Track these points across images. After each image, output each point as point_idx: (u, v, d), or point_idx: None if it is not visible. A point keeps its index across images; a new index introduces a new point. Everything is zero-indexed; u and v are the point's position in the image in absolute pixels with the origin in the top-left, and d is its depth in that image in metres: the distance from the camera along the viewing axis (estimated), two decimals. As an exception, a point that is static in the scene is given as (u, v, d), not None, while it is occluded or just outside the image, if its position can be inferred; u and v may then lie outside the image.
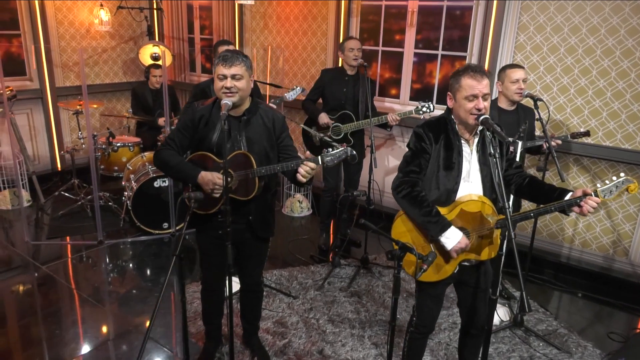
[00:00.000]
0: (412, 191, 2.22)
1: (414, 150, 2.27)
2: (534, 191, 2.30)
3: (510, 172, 2.37)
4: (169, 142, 2.46)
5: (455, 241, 2.17)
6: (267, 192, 2.55)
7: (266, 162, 2.46)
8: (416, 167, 2.25)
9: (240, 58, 2.35)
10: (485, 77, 2.15)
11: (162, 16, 6.47)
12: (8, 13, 5.28)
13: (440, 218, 2.18)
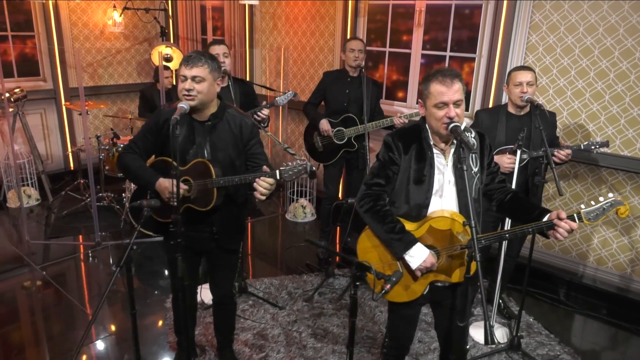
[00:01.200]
0: (375, 205, 2.04)
1: (381, 161, 2.09)
2: (513, 209, 2.08)
3: (492, 187, 2.15)
4: (132, 145, 2.37)
5: (420, 260, 1.98)
6: (232, 203, 2.41)
7: (231, 171, 2.33)
8: (382, 179, 2.07)
9: (203, 60, 2.24)
10: (457, 82, 1.95)
11: (175, 17, 6.47)
12: (23, 15, 5.38)
13: (405, 235, 2.00)
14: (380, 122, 3.87)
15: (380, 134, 3.95)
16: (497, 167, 2.17)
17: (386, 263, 2.11)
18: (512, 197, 2.10)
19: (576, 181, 3.81)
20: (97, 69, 6.06)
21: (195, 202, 2.31)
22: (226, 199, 2.35)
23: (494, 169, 2.16)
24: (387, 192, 2.09)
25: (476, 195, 2.06)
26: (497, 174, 2.16)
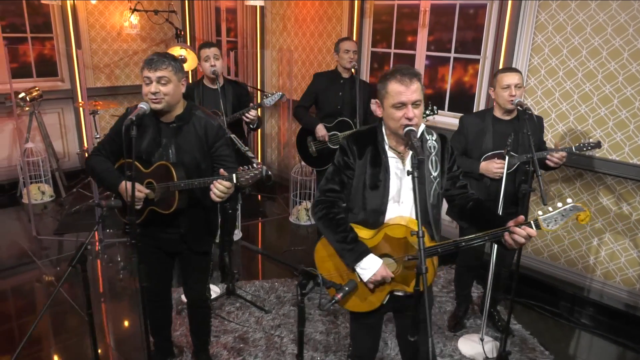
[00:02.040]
0: (328, 213, 1.97)
1: (336, 165, 2.01)
2: (474, 217, 1.96)
3: (453, 192, 2.04)
4: (100, 148, 2.37)
5: (372, 272, 1.89)
6: (199, 206, 2.39)
7: (197, 173, 2.31)
8: (336, 185, 2.00)
9: (167, 61, 2.22)
10: (416, 81, 1.85)
11: (192, 18, 6.56)
12: (42, 17, 5.57)
13: (357, 245, 1.91)
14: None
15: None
16: (459, 172, 2.05)
17: (343, 272, 2.03)
18: (474, 205, 1.99)
19: (582, 189, 3.61)
20: (113, 69, 6.21)
21: (158, 204, 2.30)
22: (193, 201, 2.33)
23: (456, 173, 2.04)
24: (343, 198, 2.02)
25: (435, 201, 1.95)
26: (458, 178, 2.04)
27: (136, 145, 2.28)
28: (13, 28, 5.40)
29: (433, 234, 1.95)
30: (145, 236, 2.41)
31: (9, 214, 5.16)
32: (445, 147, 2.01)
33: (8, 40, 5.37)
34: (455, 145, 3.00)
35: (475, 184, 2.96)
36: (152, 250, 2.49)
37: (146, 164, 2.30)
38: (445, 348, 3.13)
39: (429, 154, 1.97)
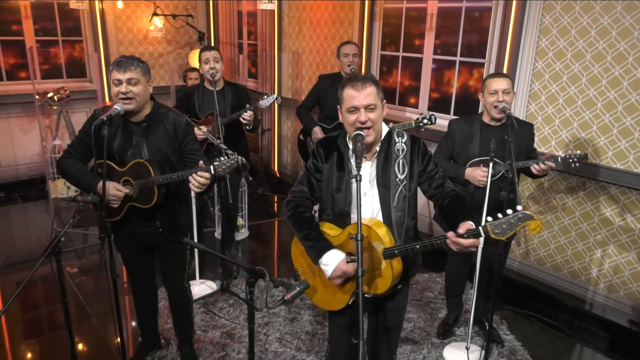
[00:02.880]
0: (295, 212, 2.02)
1: (307, 168, 2.06)
2: (447, 215, 1.95)
3: (431, 193, 2.04)
4: (70, 150, 2.46)
5: (332, 267, 1.91)
6: (173, 198, 2.48)
7: (168, 168, 2.41)
8: (305, 187, 2.05)
9: (135, 63, 2.33)
10: (369, 85, 1.86)
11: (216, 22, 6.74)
12: (72, 21, 5.88)
13: (318, 242, 1.94)
14: None
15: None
16: (434, 172, 2.03)
17: (315, 269, 2.06)
18: (448, 202, 1.97)
19: (586, 199, 3.48)
20: (139, 71, 6.46)
21: (138, 200, 2.41)
22: (167, 195, 2.43)
23: (431, 174, 2.02)
24: (311, 199, 2.06)
25: (398, 204, 1.95)
26: (433, 178, 2.02)
27: (108, 146, 2.38)
28: (45, 31, 5.73)
29: (395, 237, 1.94)
30: (123, 232, 2.54)
31: (37, 207, 5.47)
32: (415, 149, 2.01)
33: (40, 43, 5.72)
34: (443, 150, 2.98)
35: (461, 189, 2.91)
36: (130, 245, 2.62)
37: (120, 164, 2.41)
38: (429, 355, 3.10)
39: (396, 156, 1.98)
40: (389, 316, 2.13)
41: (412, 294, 3.78)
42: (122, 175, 2.41)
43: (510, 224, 1.75)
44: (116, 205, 2.39)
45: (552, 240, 3.71)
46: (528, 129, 2.93)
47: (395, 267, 1.90)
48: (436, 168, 2.05)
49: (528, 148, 2.88)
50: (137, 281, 2.79)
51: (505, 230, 1.74)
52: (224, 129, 3.59)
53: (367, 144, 1.90)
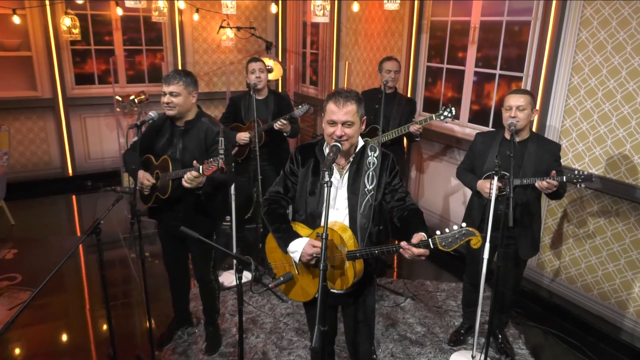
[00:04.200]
0: (269, 208, 2.28)
1: (284, 171, 2.31)
2: (402, 228, 2.12)
3: (392, 204, 2.22)
4: (133, 144, 2.93)
5: (299, 253, 2.14)
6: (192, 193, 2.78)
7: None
8: (281, 188, 2.30)
9: (178, 78, 2.72)
10: (350, 104, 2.08)
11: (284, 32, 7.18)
12: (155, 32, 6.59)
13: (286, 233, 2.18)
14: (397, 129, 3.94)
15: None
16: (398, 186, 2.20)
17: (287, 262, 2.32)
18: (406, 215, 2.14)
19: (618, 219, 3.37)
20: (212, 77, 7.07)
21: (159, 191, 2.81)
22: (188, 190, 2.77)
23: (395, 187, 2.20)
24: (286, 199, 2.30)
25: (365, 211, 2.15)
26: (397, 191, 2.20)
27: (155, 143, 2.84)
28: (132, 41, 6.49)
29: (358, 241, 2.15)
30: (161, 224, 2.96)
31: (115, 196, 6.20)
32: (385, 163, 2.20)
33: (127, 51, 6.48)
34: (466, 161, 3.08)
35: (477, 201, 3.01)
36: (167, 235, 3.04)
37: (158, 158, 2.83)
38: (434, 358, 3.20)
39: (367, 169, 2.18)
40: (359, 310, 2.32)
41: (434, 301, 3.88)
42: (155, 167, 2.83)
43: (455, 238, 1.91)
44: (147, 192, 2.82)
45: (583, 259, 3.62)
46: (551, 148, 2.92)
47: (357, 268, 2.10)
48: (400, 183, 2.22)
49: (549, 167, 2.84)
50: (170, 266, 3.20)
51: (451, 243, 1.91)
52: (265, 135, 3.94)
53: (342, 152, 2.11)
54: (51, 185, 6.23)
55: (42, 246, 4.66)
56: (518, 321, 3.66)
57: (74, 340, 3.39)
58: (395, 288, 4.03)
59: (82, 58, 6.28)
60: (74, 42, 6.01)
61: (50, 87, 6.06)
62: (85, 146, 6.50)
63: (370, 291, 2.36)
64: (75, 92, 6.26)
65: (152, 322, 3.04)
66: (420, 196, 5.12)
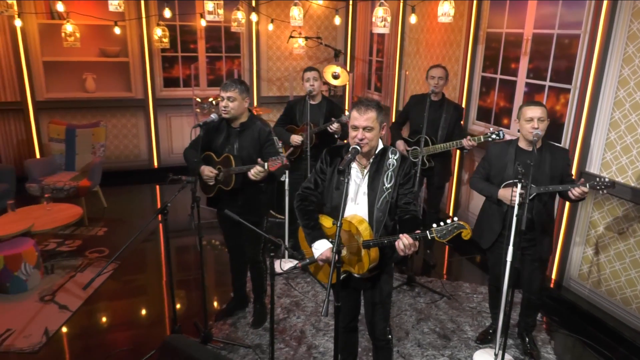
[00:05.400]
0: (301, 204, 2.64)
1: (315, 169, 2.67)
2: (401, 226, 2.41)
3: (398, 206, 2.50)
4: (192, 143, 3.43)
5: (319, 252, 2.50)
6: (250, 185, 3.23)
7: (250, 163, 3.22)
8: (312, 184, 2.65)
9: (234, 86, 3.17)
10: (371, 111, 2.39)
11: (353, 41, 7.56)
12: (233, 40, 7.24)
13: (314, 231, 2.54)
14: (450, 143, 4.13)
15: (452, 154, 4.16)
16: (407, 191, 2.48)
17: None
18: (407, 218, 2.42)
19: (658, 234, 3.37)
20: (283, 82, 7.61)
21: (223, 183, 3.28)
22: (246, 183, 3.22)
23: (406, 191, 2.48)
24: (315, 194, 2.65)
25: (381, 206, 2.45)
26: (405, 195, 2.48)
27: (214, 142, 3.33)
28: (213, 49, 7.18)
29: (373, 232, 2.45)
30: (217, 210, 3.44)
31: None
32: (403, 166, 2.49)
33: (209, 58, 7.19)
34: (480, 170, 3.27)
35: (496, 208, 3.18)
36: (225, 221, 3.51)
37: (218, 155, 3.31)
38: (459, 353, 3.40)
39: (387, 169, 2.49)
40: (376, 294, 2.62)
41: (469, 302, 4.05)
42: (216, 163, 3.30)
43: (449, 230, 2.18)
44: (211, 183, 3.31)
45: (624, 273, 3.62)
46: (563, 154, 3.07)
47: (372, 255, 2.41)
48: (410, 188, 2.49)
49: (563, 173, 3.01)
50: (229, 248, 3.68)
51: (445, 235, 2.18)
52: (316, 137, 4.33)
53: (363, 153, 2.43)
54: (139, 175, 7.07)
55: (128, 226, 5.40)
56: (552, 328, 3.74)
57: (149, 310, 3.98)
58: (433, 287, 4.24)
59: (170, 64, 7.07)
60: (164, 49, 6.80)
61: (142, 89, 6.89)
62: (169, 142, 7.29)
63: (387, 278, 2.65)
64: (163, 94, 7.07)
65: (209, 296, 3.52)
66: (471, 199, 5.25)
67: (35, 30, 6.30)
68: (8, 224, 4.23)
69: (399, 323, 3.72)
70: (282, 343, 3.47)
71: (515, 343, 3.52)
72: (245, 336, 3.53)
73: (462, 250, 5.04)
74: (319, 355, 3.35)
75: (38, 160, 6.02)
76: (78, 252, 4.77)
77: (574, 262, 4.01)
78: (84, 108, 6.77)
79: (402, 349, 3.42)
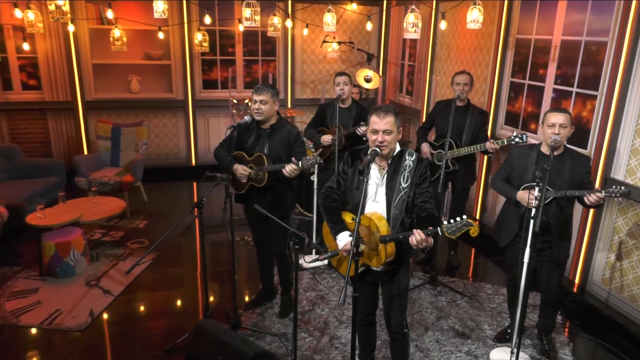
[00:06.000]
0: (325, 201, 2.83)
1: (337, 170, 2.86)
2: (419, 222, 2.56)
3: (415, 203, 2.65)
4: (222, 142, 3.66)
5: (343, 243, 2.68)
6: (280, 182, 3.47)
7: (280, 162, 3.43)
8: (334, 184, 2.84)
9: (266, 90, 3.40)
10: (389, 116, 2.56)
11: (386, 46, 7.70)
12: (270, 44, 7.51)
13: (337, 225, 2.73)
14: (474, 146, 4.23)
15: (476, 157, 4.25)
16: (424, 190, 2.63)
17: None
18: (424, 215, 2.57)
19: (681, 241, 3.38)
20: (317, 85, 7.83)
21: (255, 180, 3.52)
22: (277, 179, 3.45)
23: (422, 191, 2.64)
24: (338, 193, 2.83)
25: (397, 204, 2.62)
26: (422, 194, 2.63)
27: (245, 142, 3.56)
28: (250, 52, 7.48)
29: (390, 228, 2.62)
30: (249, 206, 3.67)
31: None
32: (419, 167, 2.65)
33: (246, 61, 7.48)
34: (502, 172, 3.38)
35: (514, 209, 3.28)
36: (253, 216, 3.73)
37: (249, 155, 3.54)
38: (476, 350, 3.51)
39: (403, 170, 2.65)
40: (394, 287, 2.78)
41: (490, 302, 4.14)
42: (248, 162, 3.54)
43: (458, 227, 2.33)
44: (243, 181, 3.54)
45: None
46: (584, 161, 3.13)
47: (388, 250, 2.58)
48: (427, 188, 2.64)
49: (583, 180, 3.08)
50: (257, 243, 3.92)
51: (454, 231, 2.34)
52: (345, 139, 4.51)
53: (383, 155, 2.61)
54: (177, 172, 7.44)
55: (166, 220, 5.73)
56: (572, 330, 3.80)
57: (183, 298, 4.26)
58: (455, 287, 4.35)
59: (209, 66, 7.40)
60: (204, 53, 7.13)
61: (183, 90, 7.26)
62: (206, 141, 7.62)
63: (404, 272, 2.81)
64: (201, 95, 7.41)
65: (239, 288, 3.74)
66: (496, 203, 5.31)
67: (86, 35, 6.75)
68: (59, 214, 4.60)
69: (419, 319, 3.86)
70: (306, 333, 3.67)
71: (533, 343, 3.60)
72: (271, 325, 3.75)
73: (487, 252, 5.12)
74: (340, 345, 3.53)
75: (86, 156, 6.45)
76: (120, 242, 5.13)
77: (597, 267, 4.04)
78: (128, 108, 7.19)
79: (420, 344, 3.56)
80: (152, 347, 3.50)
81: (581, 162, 3.13)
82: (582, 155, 3.19)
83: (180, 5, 6.88)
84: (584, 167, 3.11)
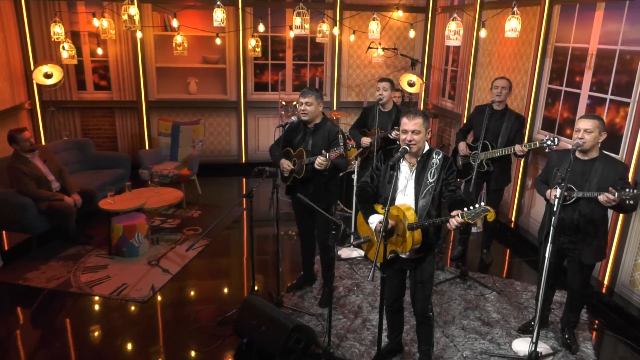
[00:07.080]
0: (360, 192, 3.19)
1: (371, 167, 3.20)
2: (450, 207, 2.86)
3: (445, 194, 2.96)
4: (277, 140, 4.08)
5: (374, 224, 3.01)
6: (318, 175, 3.83)
7: None
8: (369, 178, 3.18)
9: (311, 93, 3.78)
10: (418, 118, 2.89)
11: (430, 51, 7.95)
12: (318, 50, 7.93)
13: (368, 210, 3.07)
14: (505, 149, 4.45)
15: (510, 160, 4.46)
16: (452, 181, 2.93)
17: (370, 232, 3.20)
18: (452, 202, 2.87)
19: None
20: (362, 88, 8.17)
21: (297, 173, 3.91)
22: (315, 172, 3.81)
23: (449, 182, 2.94)
24: (372, 187, 3.17)
25: (425, 196, 2.93)
26: (450, 185, 2.94)
27: (293, 139, 3.96)
28: (299, 57, 7.93)
29: (417, 217, 2.93)
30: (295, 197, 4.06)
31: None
32: (445, 164, 2.95)
33: (295, 65, 7.93)
34: (542, 174, 3.60)
35: (549, 207, 3.49)
36: (298, 207, 4.13)
37: (295, 150, 3.95)
38: (499, 339, 3.74)
39: (431, 167, 2.96)
40: (418, 274, 3.08)
41: (518, 298, 4.34)
42: (292, 156, 3.95)
43: (476, 213, 2.61)
44: (286, 174, 3.95)
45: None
46: (618, 168, 3.27)
47: (415, 237, 2.89)
48: (454, 179, 2.94)
49: (613, 184, 3.16)
50: (301, 233, 4.31)
51: (473, 217, 2.63)
52: (382, 141, 4.83)
53: (412, 153, 2.93)
54: (229, 168, 7.98)
55: (218, 210, 6.25)
56: (597, 328, 3.95)
57: (232, 279, 4.73)
58: (485, 282, 4.57)
59: (261, 70, 7.91)
60: (256, 58, 7.65)
61: (236, 92, 7.79)
62: (256, 140, 8.13)
63: (430, 260, 3.11)
64: (253, 97, 7.92)
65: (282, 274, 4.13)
66: (532, 206, 5.46)
67: (152, 41, 7.41)
68: (126, 201, 5.18)
69: (447, 309, 4.13)
70: (341, 315, 4.02)
71: (556, 336, 3.79)
72: (310, 306, 4.13)
73: (521, 253, 5.29)
74: (372, 327, 3.86)
75: (148, 150, 7.08)
76: (177, 229, 5.67)
77: (626, 268, 4.16)
78: (186, 108, 7.80)
79: (446, 330, 3.83)
80: (205, 318, 3.96)
81: (614, 168, 3.25)
82: (617, 162, 3.32)
83: (237, 13, 7.41)
84: (616, 173, 3.22)
